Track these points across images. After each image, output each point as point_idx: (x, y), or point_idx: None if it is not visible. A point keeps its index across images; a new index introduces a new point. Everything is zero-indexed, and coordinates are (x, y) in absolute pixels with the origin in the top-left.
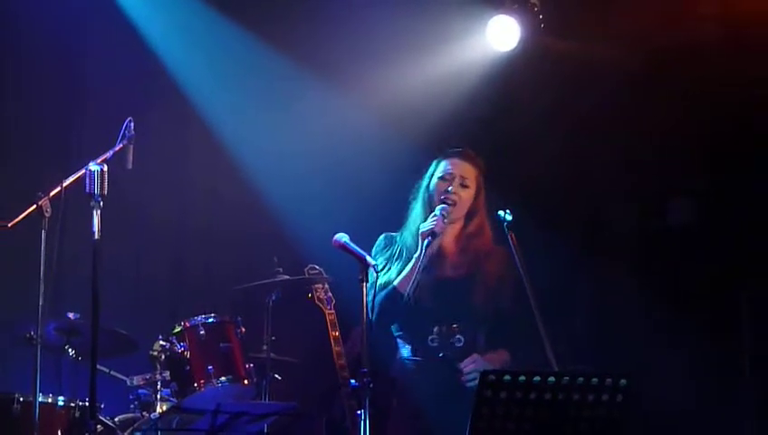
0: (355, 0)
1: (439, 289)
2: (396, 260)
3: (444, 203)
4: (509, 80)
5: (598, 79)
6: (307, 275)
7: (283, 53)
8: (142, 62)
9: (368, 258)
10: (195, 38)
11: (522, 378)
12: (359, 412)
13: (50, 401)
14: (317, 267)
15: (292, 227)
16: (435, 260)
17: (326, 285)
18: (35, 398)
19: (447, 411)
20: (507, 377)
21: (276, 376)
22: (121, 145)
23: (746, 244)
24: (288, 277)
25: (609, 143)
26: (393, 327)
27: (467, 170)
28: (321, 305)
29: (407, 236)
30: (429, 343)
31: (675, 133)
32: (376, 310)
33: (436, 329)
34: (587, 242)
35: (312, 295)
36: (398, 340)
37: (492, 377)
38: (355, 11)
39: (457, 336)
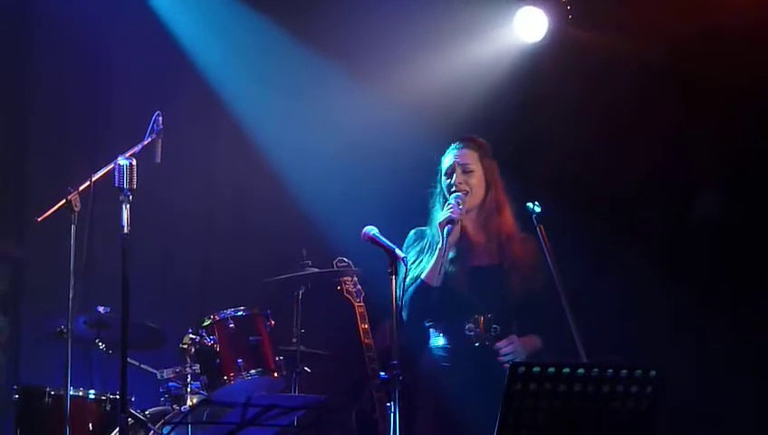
0: None
1: (472, 278)
2: (426, 253)
3: (456, 193)
4: (536, 71)
5: (625, 70)
6: (336, 268)
7: (310, 46)
8: (170, 57)
9: (397, 251)
10: (222, 31)
11: (551, 370)
12: (388, 405)
13: (81, 394)
14: (346, 260)
15: (321, 220)
16: (463, 249)
17: (355, 278)
18: (66, 391)
19: (480, 401)
20: (537, 369)
21: (306, 369)
22: (150, 139)
23: None
24: (317, 270)
25: (636, 135)
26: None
27: (467, 156)
28: (350, 298)
29: (433, 229)
30: (466, 332)
31: (701, 124)
32: (407, 304)
33: (473, 318)
34: (614, 234)
35: (342, 288)
36: (431, 330)
37: (521, 369)
38: (382, 2)
39: (494, 326)
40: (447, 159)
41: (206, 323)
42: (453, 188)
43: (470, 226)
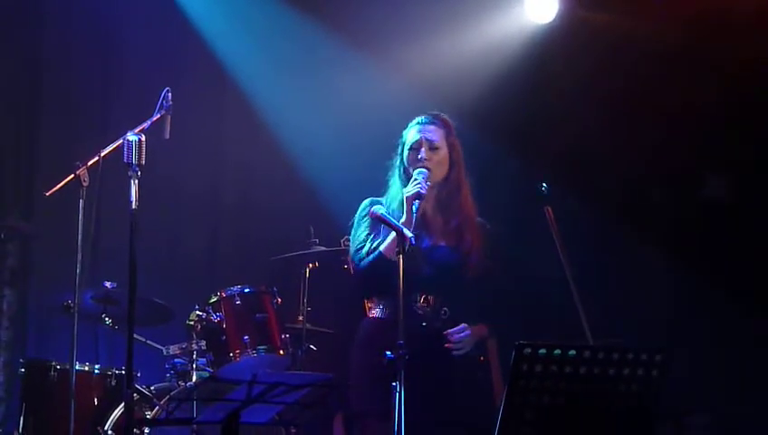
0: None
1: (428, 257)
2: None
3: (421, 168)
4: (546, 52)
5: (634, 52)
6: (343, 247)
7: (319, 24)
8: (179, 33)
9: (405, 230)
10: (231, 9)
11: (557, 352)
12: (394, 384)
13: (86, 369)
14: None
15: (329, 199)
16: (421, 227)
17: None
18: (72, 366)
19: (418, 379)
20: (543, 350)
21: (312, 347)
22: (159, 115)
23: None
24: (324, 248)
25: (645, 116)
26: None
27: (434, 132)
28: None
29: (391, 201)
30: (415, 310)
31: (711, 107)
32: (364, 276)
33: (422, 298)
34: (622, 216)
35: (348, 267)
36: (369, 303)
37: (527, 350)
38: None
39: (444, 308)
40: (412, 134)
41: (212, 300)
42: (418, 164)
43: (429, 204)
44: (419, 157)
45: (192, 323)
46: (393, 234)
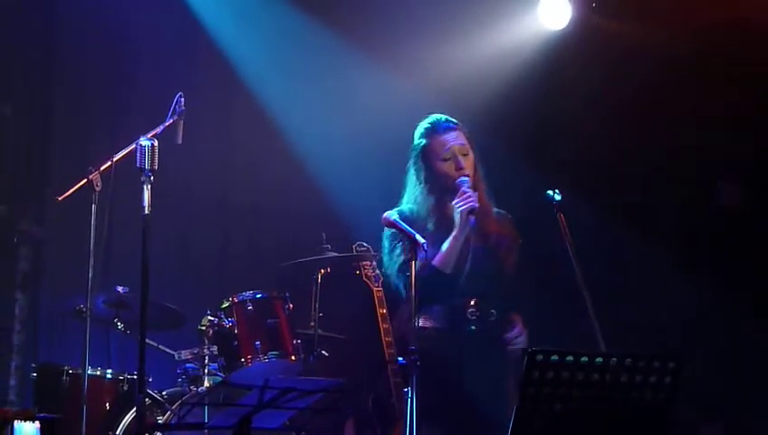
0: None
1: (472, 262)
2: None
3: (462, 177)
4: (559, 59)
5: (647, 60)
6: (355, 252)
7: (331, 28)
8: (192, 38)
9: (417, 236)
10: (243, 14)
11: (569, 358)
12: (405, 390)
13: (98, 373)
14: (365, 244)
15: (341, 204)
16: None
17: (374, 263)
18: (84, 370)
19: (473, 383)
20: (555, 357)
21: (323, 352)
22: (172, 120)
23: None
24: (336, 254)
25: (657, 124)
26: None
27: (460, 137)
28: (368, 282)
29: (418, 208)
30: (468, 316)
31: (721, 115)
32: (419, 291)
33: (470, 302)
34: (632, 223)
35: (360, 272)
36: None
37: (539, 357)
38: None
39: (492, 310)
40: (438, 141)
41: (224, 305)
42: (458, 173)
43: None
44: (460, 166)
45: (204, 328)
46: (446, 247)
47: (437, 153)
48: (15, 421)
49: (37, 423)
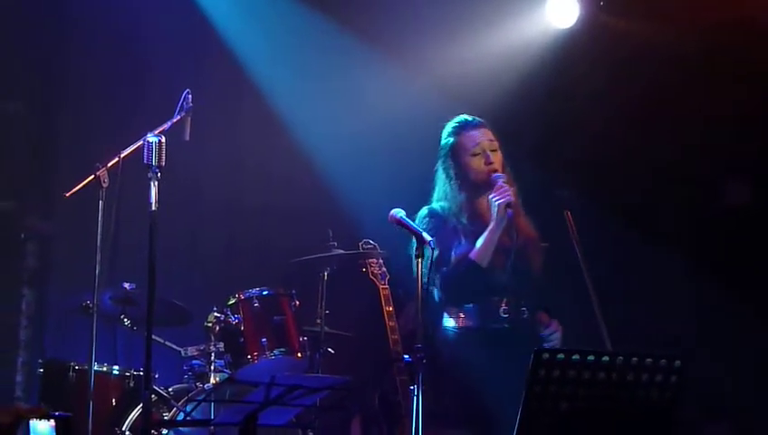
0: None
1: (503, 258)
2: (455, 235)
3: (493, 173)
4: (566, 58)
5: (655, 59)
6: (362, 250)
7: (339, 26)
8: (200, 35)
9: (424, 234)
10: (252, 11)
11: (575, 357)
12: (411, 388)
13: (105, 369)
14: (372, 242)
15: (348, 202)
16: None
17: (380, 260)
18: (91, 367)
19: (501, 384)
20: (561, 356)
21: (330, 350)
22: (179, 117)
23: None
24: (343, 252)
25: (664, 123)
26: (437, 299)
27: (488, 134)
28: (375, 280)
29: (450, 206)
30: (501, 314)
31: (729, 114)
32: (453, 283)
33: (502, 300)
34: (640, 222)
35: (367, 270)
36: (444, 312)
37: (546, 355)
38: None
39: (523, 308)
40: (467, 139)
41: (230, 302)
42: (488, 169)
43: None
44: (489, 160)
45: (210, 324)
46: (483, 240)
47: (467, 149)
48: (30, 420)
49: (52, 422)
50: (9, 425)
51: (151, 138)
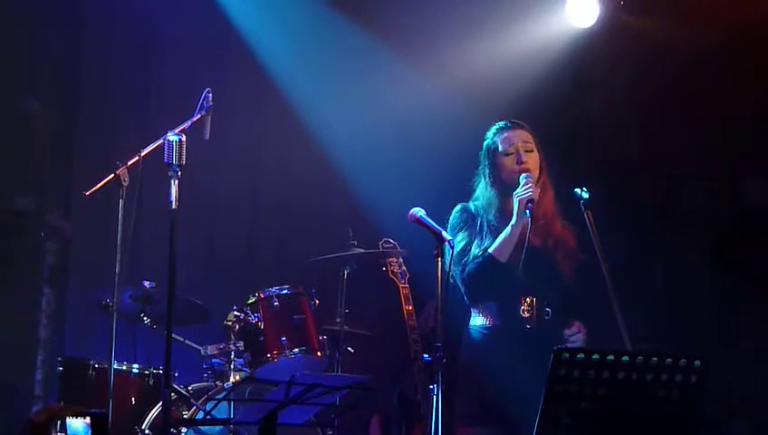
0: None
1: (527, 257)
2: (480, 231)
3: (524, 172)
4: (587, 57)
5: (675, 57)
6: (381, 249)
7: (359, 26)
8: (221, 34)
9: (443, 233)
10: (273, 10)
11: (595, 356)
12: (431, 387)
13: (124, 368)
14: (392, 241)
15: (368, 201)
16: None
17: (400, 259)
18: (110, 365)
19: (524, 383)
20: (581, 355)
21: (349, 349)
22: (200, 115)
23: None
24: (362, 250)
25: (685, 121)
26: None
27: (525, 135)
28: (394, 279)
29: (486, 207)
30: (521, 313)
31: (749, 112)
32: (472, 278)
33: (525, 301)
34: (660, 220)
35: (387, 269)
36: (472, 310)
37: (566, 355)
38: None
39: (546, 309)
40: (503, 139)
41: (250, 301)
42: (518, 168)
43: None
44: (521, 160)
45: (230, 323)
46: (503, 236)
47: (501, 149)
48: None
49: (87, 419)
50: (43, 423)
51: (172, 136)
